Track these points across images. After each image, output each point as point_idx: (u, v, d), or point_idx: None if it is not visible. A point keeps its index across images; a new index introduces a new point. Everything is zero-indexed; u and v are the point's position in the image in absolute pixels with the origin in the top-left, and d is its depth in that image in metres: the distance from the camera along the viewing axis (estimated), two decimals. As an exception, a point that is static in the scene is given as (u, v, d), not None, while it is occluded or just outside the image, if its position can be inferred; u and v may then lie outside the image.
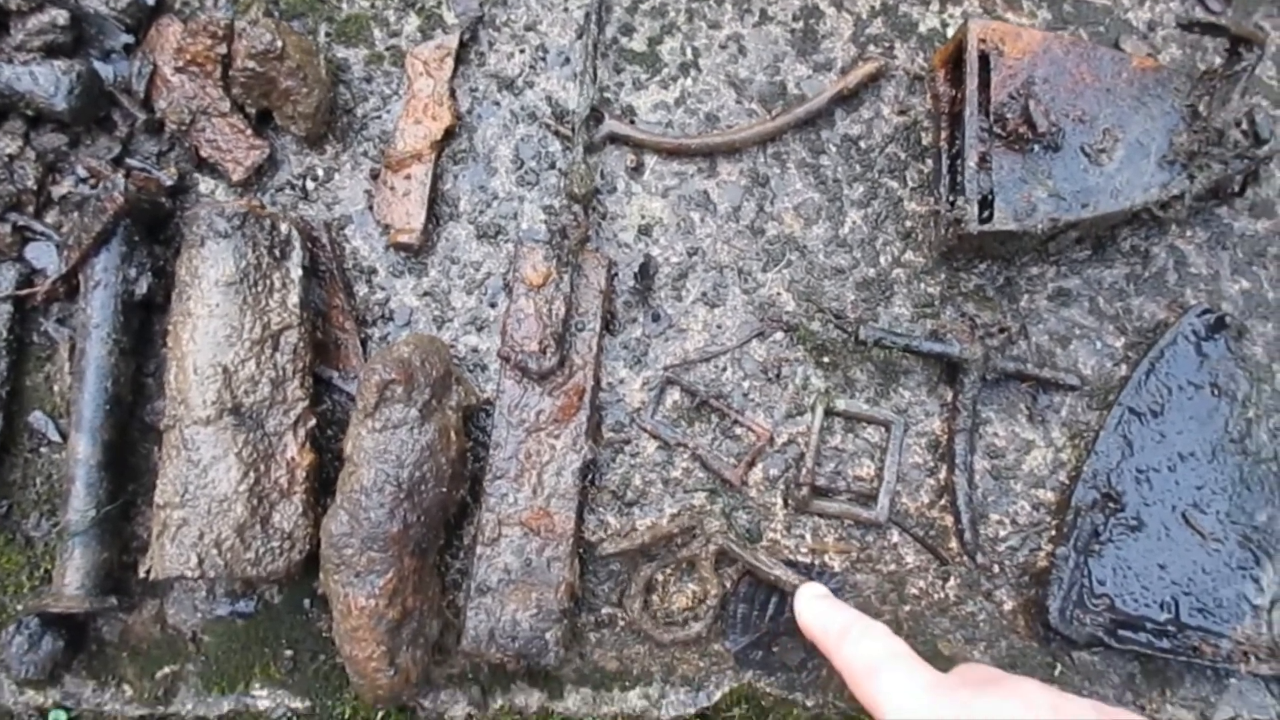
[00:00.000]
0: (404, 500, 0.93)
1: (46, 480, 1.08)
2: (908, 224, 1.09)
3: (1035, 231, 0.98)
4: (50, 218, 1.10)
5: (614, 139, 1.09)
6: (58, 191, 1.10)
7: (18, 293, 1.07)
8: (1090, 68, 1.00)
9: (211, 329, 0.98)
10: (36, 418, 1.08)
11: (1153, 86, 1.00)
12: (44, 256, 1.09)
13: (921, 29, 1.13)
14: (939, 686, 0.67)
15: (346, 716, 1.07)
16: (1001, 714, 0.63)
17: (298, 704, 1.06)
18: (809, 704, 1.06)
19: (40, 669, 1.01)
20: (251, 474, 0.97)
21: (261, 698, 1.07)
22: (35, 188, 1.09)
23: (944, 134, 1.06)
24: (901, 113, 1.11)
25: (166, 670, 1.07)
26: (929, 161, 1.10)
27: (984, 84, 1.00)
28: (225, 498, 0.96)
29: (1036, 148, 0.99)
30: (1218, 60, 1.06)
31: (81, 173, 1.10)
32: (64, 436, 1.08)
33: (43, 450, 1.08)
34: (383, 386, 0.93)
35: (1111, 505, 1.04)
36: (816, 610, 0.76)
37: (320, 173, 1.10)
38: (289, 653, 1.06)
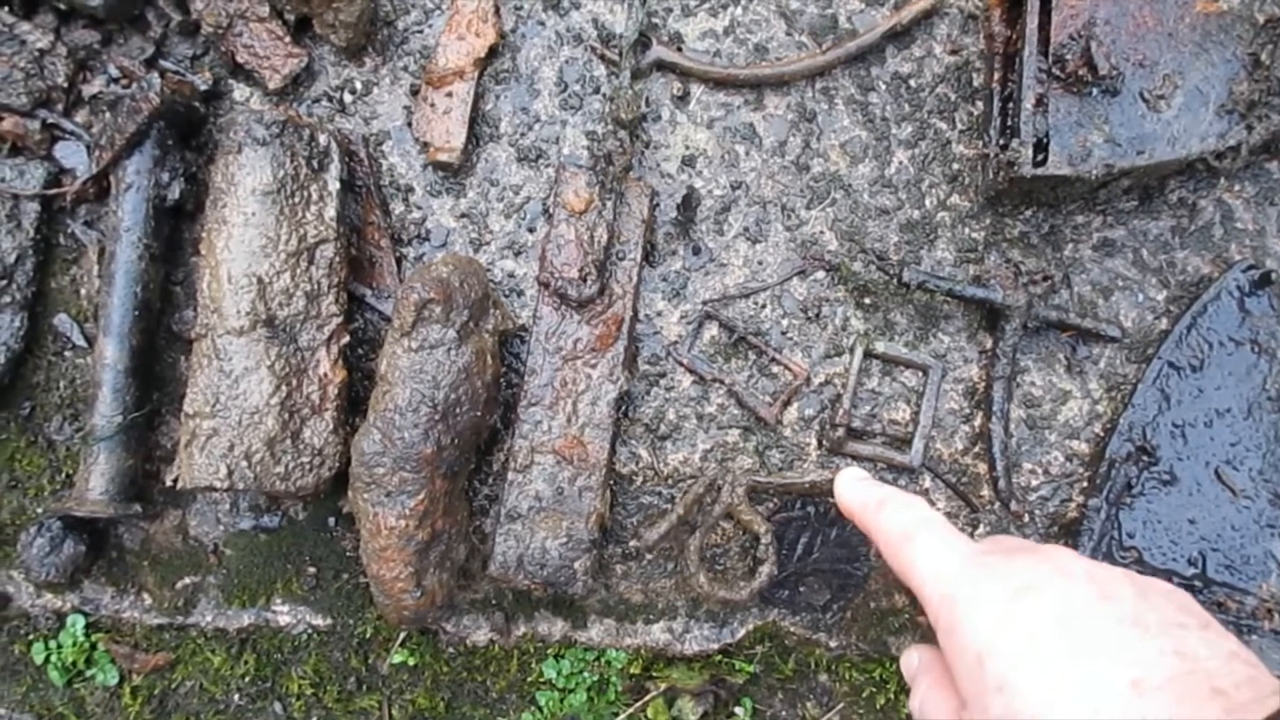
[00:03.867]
0: (439, 421, 0.92)
1: (70, 384, 1.06)
2: (954, 166, 1.07)
3: (1089, 178, 0.96)
4: (80, 117, 1.07)
5: (661, 66, 1.07)
6: (88, 90, 1.08)
7: (46, 192, 1.04)
8: (1153, 11, 0.98)
9: (247, 238, 0.96)
10: (61, 320, 1.06)
11: (1215, 33, 0.98)
12: (73, 156, 1.07)
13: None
14: (972, 553, 0.66)
15: (368, 636, 1.06)
16: (1035, 578, 0.62)
17: (319, 621, 1.06)
18: (832, 644, 1.06)
19: (60, 572, 1.00)
20: (284, 388, 0.95)
21: (282, 613, 1.06)
22: (65, 85, 1.06)
23: (996, 75, 1.04)
24: (954, 52, 1.08)
25: (187, 581, 1.06)
26: (979, 103, 1.07)
27: (1043, 25, 0.98)
28: (257, 410, 0.94)
29: (1094, 91, 0.97)
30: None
31: (113, 72, 1.07)
32: (89, 341, 1.06)
33: (66, 354, 1.06)
34: (421, 305, 0.91)
35: (1145, 459, 1.03)
36: (856, 489, 0.75)
37: (359, 86, 1.08)
38: (312, 570, 1.06)
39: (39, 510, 1.05)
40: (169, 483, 0.96)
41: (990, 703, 0.59)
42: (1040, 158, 0.97)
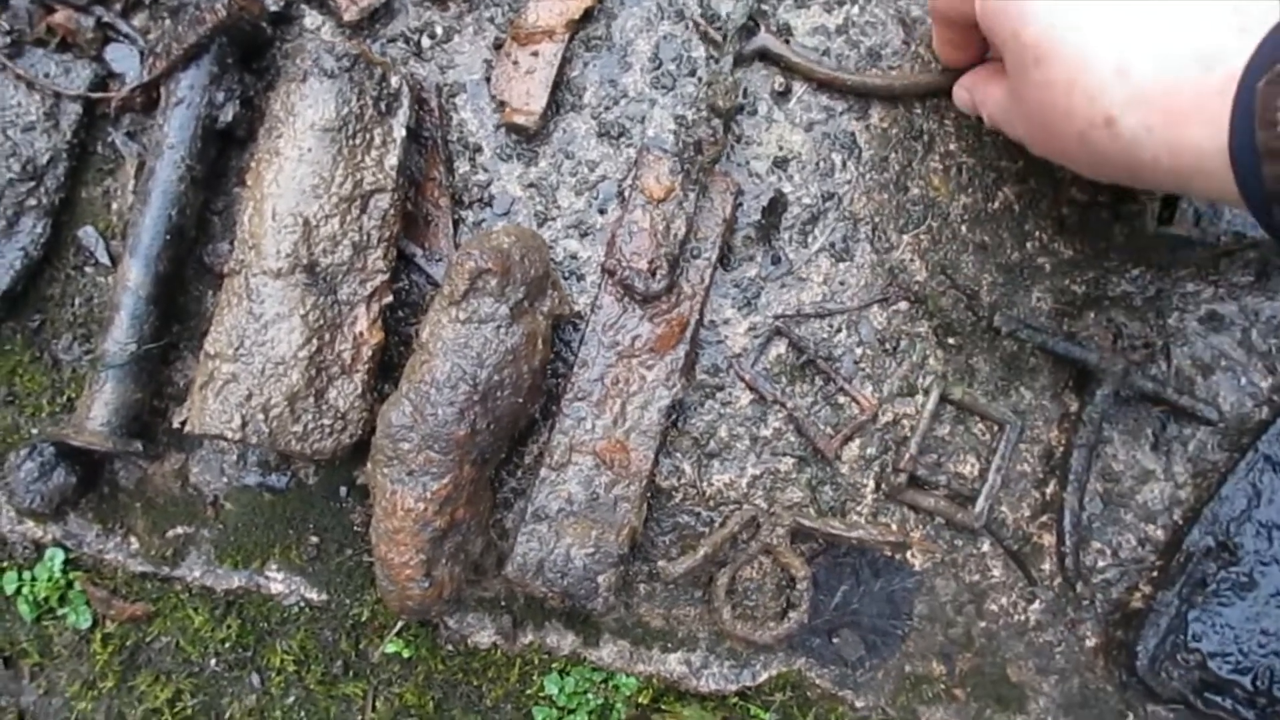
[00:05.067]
0: (477, 403, 0.84)
1: (86, 302, 0.99)
2: (1063, 210, 0.99)
3: (1215, 244, 0.88)
4: (138, 20, 1.00)
5: (764, 56, 0.98)
6: (151, -7, 1.00)
7: (90, 95, 0.97)
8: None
9: (299, 175, 0.88)
10: (87, 233, 0.99)
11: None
12: (124, 60, 0.99)
13: None
14: None
15: (363, 619, 0.99)
16: None
17: (313, 595, 0.98)
18: (858, 704, 0.98)
19: (46, 502, 0.93)
20: (315, 341, 0.88)
21: (275, 580, 0.99)
22: (128, -16, 0.99)
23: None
24: (1081, 90, 1.00)
25: (179, 530, 0.99)
26: (1101, 149, 0.99)
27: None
28: (283, 360, 0.87)
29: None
30: None
31: (182, -22, 0.99)
32: (113, 259, 0.99)
33: (87, 270, 0.99)
34: (476, 275, 0.84)
35: (1226, 556, 0.95)
36: None
37: (439, 31, 1.00)
38: (314, 539, 0.98)
39: (34, 431, 0.98)
40: (176, 424, 0.88)
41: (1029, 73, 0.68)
42: (1167, 214, 0.89)
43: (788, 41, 0.99)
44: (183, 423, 0.87)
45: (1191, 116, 0.58)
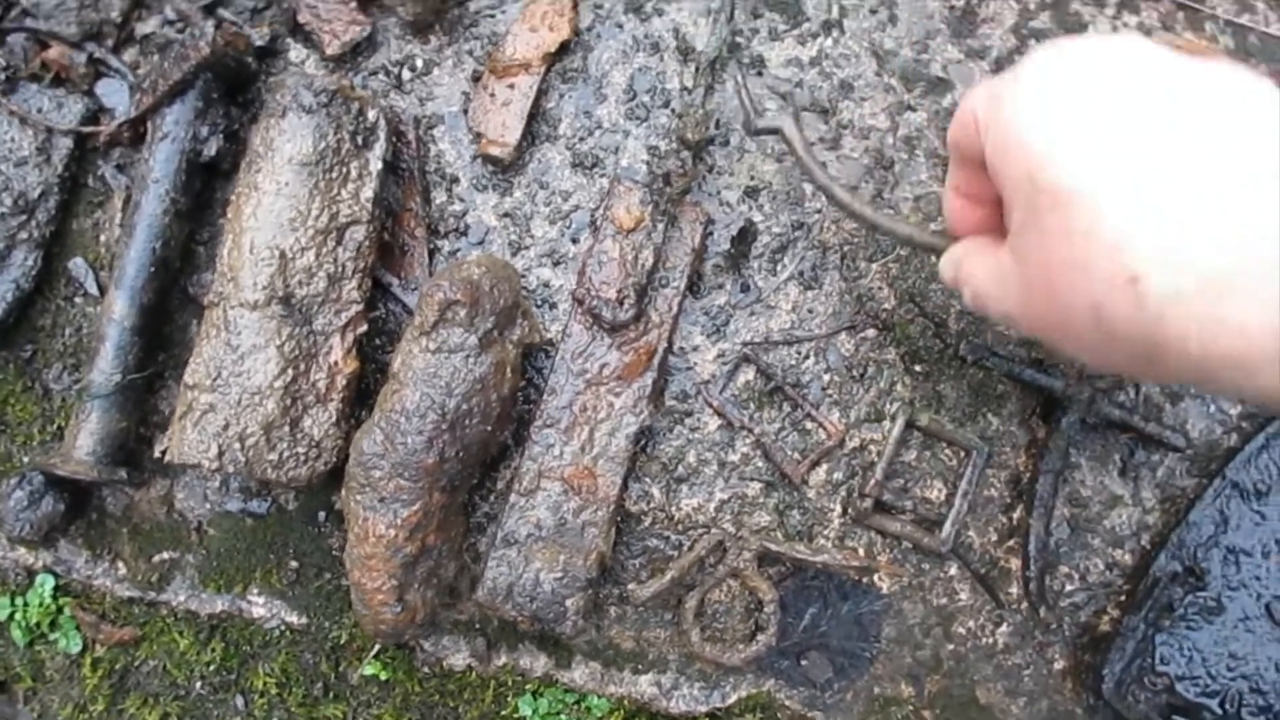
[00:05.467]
0: (445, 431, 0.86)
1: (76, 332, 1.01)
2: (1033, 239, 1.00)
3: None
4: (129, 56, 1.03)
5: (770, 132, 0.93)
6: (141, 29, 1.03)
7: (81, 128, 1.00)
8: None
9: (276, 208, 0.91)
10: (77, 264, 1.02)
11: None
12: (115, 95, 1.02)
13: (1090, 32, 1.03)
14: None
15: (342, 642, 1.01)
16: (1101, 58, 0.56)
17: (293, 618, 1.01)
18: (827, 726, 0.99)
19: (36, 529, 0.95)
20: (290, 370, 0.90)
21: (257, 604, 1.01)
22: (119, 20, 1.02)
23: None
24: (1050, 118, 1.01)
25: (165, 555, 1.01)
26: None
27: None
28: (259, 390, 0.89)
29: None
30: None
31: (170, 14, 1.02)
32: (102, 290, 1.01)
33: (77, 300, 1.02)
34: (445, 305, 0.86)
35: (1193, 581, 0.95)
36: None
37: (419, 63, 1.02)
38: (294, 564, 1.00)
39: (24, 460, 1.01)
40: (157, 453, 0.91)
41: (1047, 220, 0.53)
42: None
43: (760, 73, 1.01)
44: (163, 452, 0.90)
45: (1239, 286, 0.46)
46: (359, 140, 0.94)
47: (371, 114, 0.94)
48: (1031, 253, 0.56)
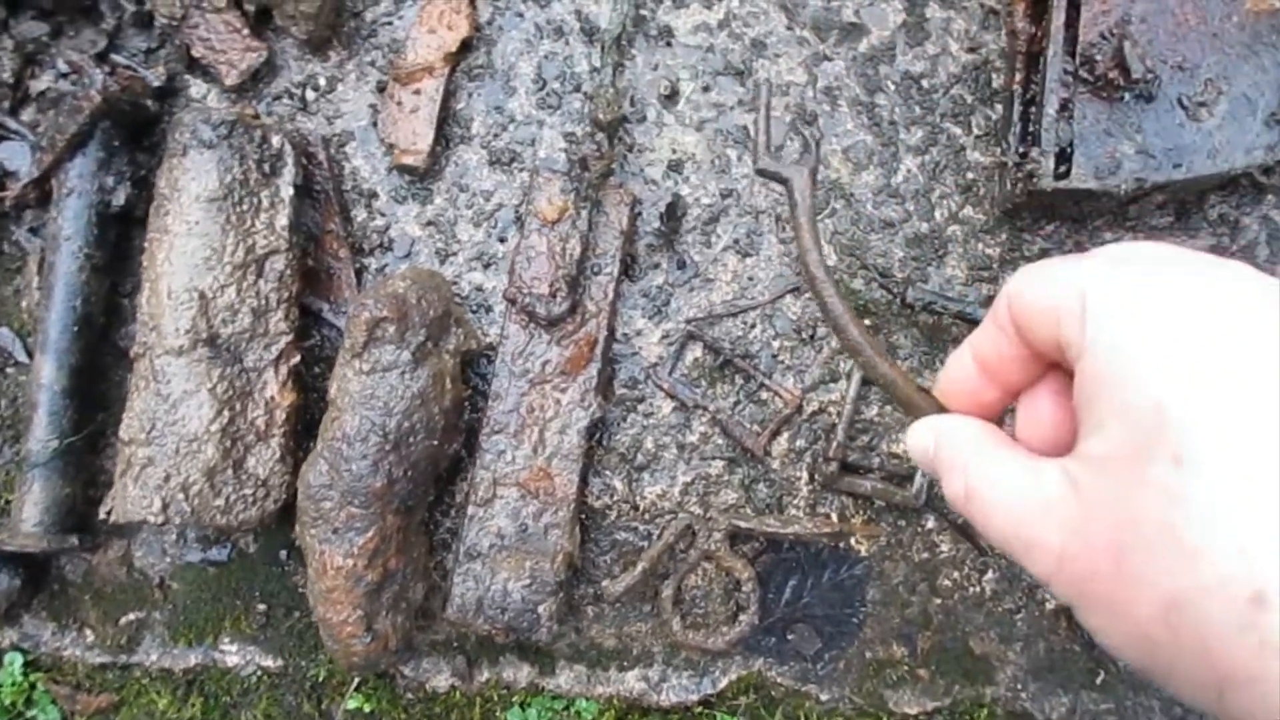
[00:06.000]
0: (390, 452, 0.84)
1: (11, 403, 0.99)
2: (969, 176, 0.97)
3: (1117, 192, 0.86)
4: (27, 115, 1.00)
5: (777, 179, 0.70)
6: (36, 86, 1.01)
7: (-15, 196, 0.98)
8: (1196, 8, 0.87)
9: (189, 249, 0.88)
10: (3, 334, 0.99)
11: (1266, 34, 0.87)
12: (17, 157, 1.00)
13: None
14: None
15: (321, 679, 0.99)
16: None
17: (269, 662, 0.99)
18: (823, 697, 0.97)
19: (-5, 607, 0.94)
20: (226, 412, 0.88)
21: (230, 653, 0.99)
22: (12, 81, 1.00)
23: (1018, 76, 0.94)
24: (971, 50, 0.98)
25: (131, 617, 0.99)
26: (998, 107, 0.97)
27: (1071, 21, 0.88)
28: (195, 437, 0.87)
29: (1127, 96, 0.86)
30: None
31: (63, 67, 1.00)
32: (31, 356, 0.99)
33: (9, 370, 1.00)
34: (373, 324, 0.84)
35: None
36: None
37: (322, 82, 1.00)
38: (262, 607, 0.98)
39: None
40: (102, 514, 0.89)
41: (1155, 474, 0.38)
42: (1063, 169, 0.87)
43: (670, 44, 0.98)
44: (108, 512, 0.88)
45: None
46: (266, 168, 0.91)
47: (276, 140, 0.92)
48: (1111, 499, 0.40)
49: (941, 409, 0.53)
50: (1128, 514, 0.39)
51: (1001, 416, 0.48)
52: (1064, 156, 0.87)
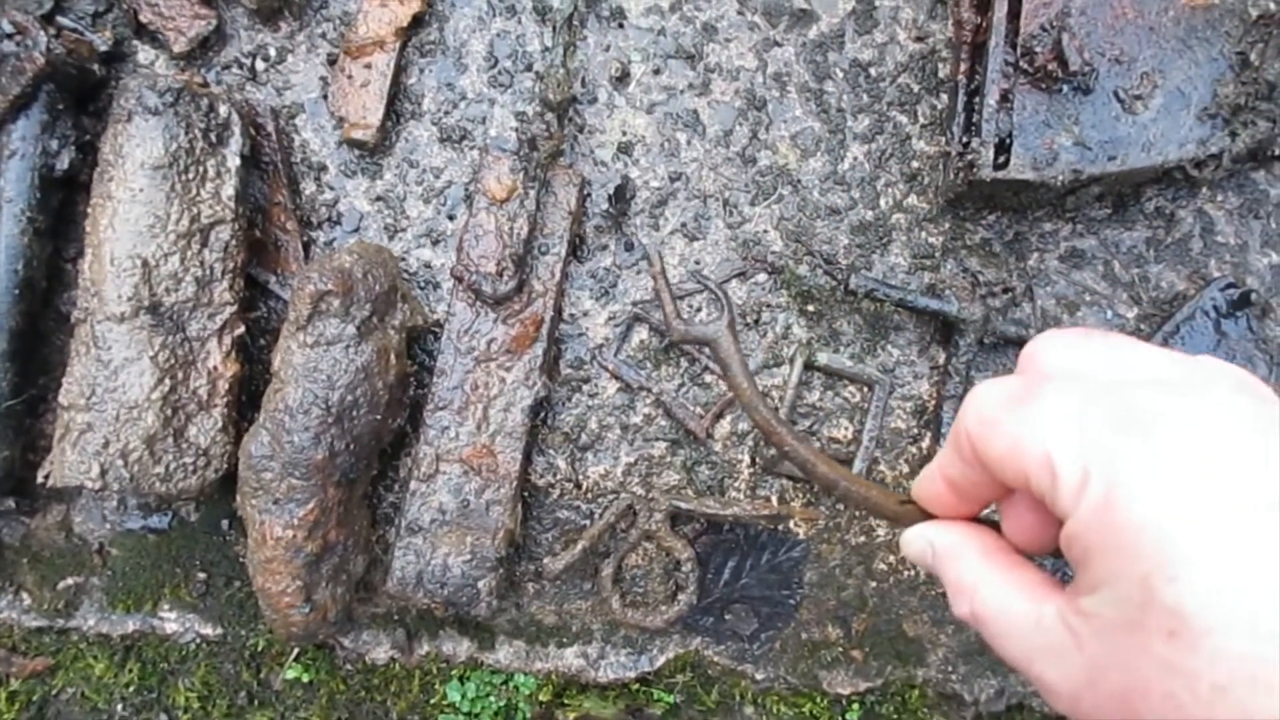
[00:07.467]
0: (332, 425, 0.84)
1: (-50, 367, 0.98)
2: (914, 164, 0.98)
3: (1054, 183, 0.88)
4: (-30, 78, 0.99)
5: (700, 342, 0.67)
6: (-20, 49, 0.99)
7: (-73, 158, 0.96)
8: (1134, 2, 0.89)
9: (133, 216, 0.88)
10: (-57, 298, 0.98)
11: (1201, 28, 0.89)
12: (-40, 120, 0.98)
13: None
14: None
15: (260, 648, 0.99)
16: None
17: (208, 630, 0.99)
18: (759, 676, 0.98)
19: (-71, 572, 0.93)
20: (167, 381, 0.87)
21: (169, 620, 0.99)
22: (-45, 42, 0.98)
23: (963, 67, 0.95)
24: (919, 39, 1.00)
25: (70, 581, 0.99)
26: (944, 96, 0.99)
27: (1014, 12, 0.89)
28: (136, 404, 0.87)
29: (1065, 88, 0.88)
30: (1273, 5, 0.95)
31: (7, 28, 0.98)
32: (-28, 321, 0.98)
33: (-51, 334, 0.98)
34: (317, 298, 0.84)
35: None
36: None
37: (272, 53, 0.99)
38: (202, 575, 0.98)
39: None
40: (40, 479, 0.89)
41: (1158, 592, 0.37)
42: (1002, 159, 0.88)
43: (622, 26, 0.99)
44: (46, 476, 0.87)
45: None
46: (213, 138, 0.91)
47: (223, 109, 0.91)
48: (1114, 664, 0.41)
49: (928, 515, 0.52)
50: (1132, 680, 0.39)
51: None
52: (1003, 147, 0.89)
